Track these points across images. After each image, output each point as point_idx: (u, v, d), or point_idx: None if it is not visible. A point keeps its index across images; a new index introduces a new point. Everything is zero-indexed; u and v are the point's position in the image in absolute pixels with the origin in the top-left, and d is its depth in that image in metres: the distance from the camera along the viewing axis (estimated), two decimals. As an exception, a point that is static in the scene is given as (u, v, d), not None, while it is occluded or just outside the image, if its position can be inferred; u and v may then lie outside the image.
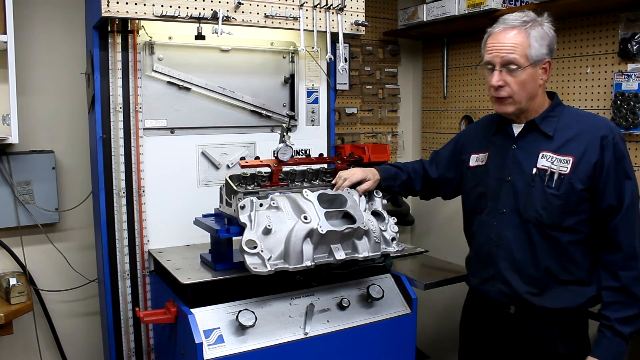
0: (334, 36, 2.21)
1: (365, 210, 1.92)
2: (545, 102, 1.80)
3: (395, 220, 1.98)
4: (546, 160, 1.73)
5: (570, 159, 1.69)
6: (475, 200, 1.92)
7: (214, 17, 1.98)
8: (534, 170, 1.74)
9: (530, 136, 1.79)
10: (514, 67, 1.69)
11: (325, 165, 2.11)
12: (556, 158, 1.71)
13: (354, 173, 2.01)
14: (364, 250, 1.84)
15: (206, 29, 1.99)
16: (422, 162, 2.16)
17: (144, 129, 2.13)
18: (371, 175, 2.03)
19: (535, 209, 1.73)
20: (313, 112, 2.48)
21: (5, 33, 2.08)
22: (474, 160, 1.95)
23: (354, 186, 1.98)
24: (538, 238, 1.73)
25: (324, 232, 1.74)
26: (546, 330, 1.77)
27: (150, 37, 2.12)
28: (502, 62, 1.70)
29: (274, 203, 1.82)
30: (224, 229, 1.84)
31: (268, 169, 1.93)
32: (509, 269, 1.80)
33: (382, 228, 1.92)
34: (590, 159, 1.67)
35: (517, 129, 1.82)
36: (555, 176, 1.70)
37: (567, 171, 1.68)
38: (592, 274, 1.75)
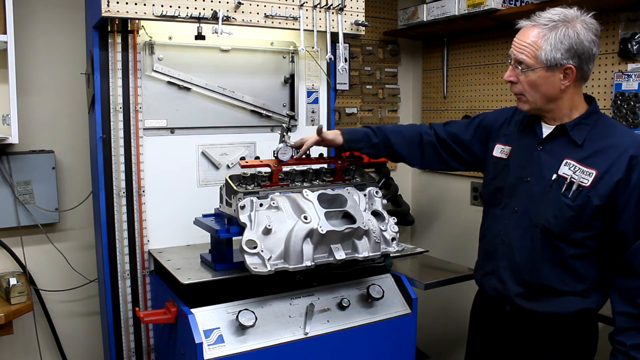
0: (334, 36, 2.21)
1: (365, 210, 1.91)
2: (579, 106, 1.72)
3: (395, 220, 1.98)
4: (568, 169, 1.67)
5: (594, 172, 1.62)
6: (491, 192, 1.90)
7: (214, 17, 1.98)
8: (554, 176, 1.69)
9: (558, 141, 1.72)
10: (522, 67, 1.66)
11: (325, 165, 2.11)
12: (579, 168, 1.65)
13: (310, 137, 1.94)
14: (364, 250, 1.84)
15: (206, 29, 1.99)
16: (427, 127, 2.06)
17: (144, 129, 2.13)
18: (331, 135, 1.96)
19: (545, 216, 1.69)
20: (313, 112, 2.48)
21: (5, 33, 2.08)
22: (498, 150, 1.90)
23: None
24: (541, 245, 1.70)
25: (324, 232, 1.74)
26: (537, 333, 1.76)
27: (150, 37, 2.12)
28: (514, 59, 1.69)
29: (274, 203, 1.82)
30: (224, 229, 1.84)
31: (268, 169, 1.93)
32: (507, 269, 1.79)
33: (382, 228, 1.92)
34: (614, 177, 1.60)
35: (546, 129, 1.76)
36: (574, 187, 1.64)
37: (588, 184, 1.62)
38: (593, 288, 1.70)
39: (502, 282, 1.81)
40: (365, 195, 1.97)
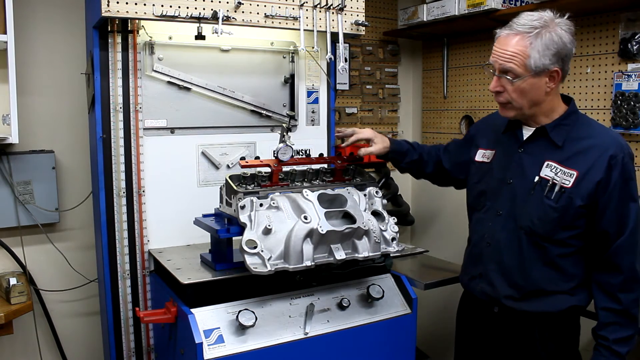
0: (334, 36, 2.21)
1: (365, 210, 1.91)
2: (559, 107, 1.74)
3: (395, 220, 1.98)
4: (550, 171, 1.69)
5: (575, 173, 1.65)
6: (475, 196, 1.92)
7: (214, 17, 1.98)
8: (536, 178, 1.71)
9: (539, 142, 1.74)
10: (510, 76, 1.64)
11: (325, 165, 2.11)
12: (560, 169, 1.67)
13: (364, 131, 2.08)
14: (364, 250, 1.84)
15: (206, 29, 1.99)
16: (440, 149, 2.16)
17: (144, 128, 2.13)
18: (380, 140, 2.07)
19: (530, 218, 1.71)
20: (313, 112, 2.48)
21: (5, 33, 2.08)
22: (480, 155, 1.94)
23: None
24: (528, 246, 1.72)
25: (324, 232, 1.74)
26: (527, 332, 1.77)
27: (150, 37, 2.12)
28: (499, 69, 1.67)
29: (274, 203, 1.82)
30: (224, 229, 1.84)
31: (268, 169, 1.93)
32: (495, 272, 1.80)
33: (382, 228, 1.92)
34: (595, 177, 1.63)
35: (526, 132, 1.78)
36: (556, 188, 1.66)
37: (569, 185, 1.65)
38: (580, 286, 1.73)
39: (491, 285, 1.81)
40: (365, 195, 1.97)
